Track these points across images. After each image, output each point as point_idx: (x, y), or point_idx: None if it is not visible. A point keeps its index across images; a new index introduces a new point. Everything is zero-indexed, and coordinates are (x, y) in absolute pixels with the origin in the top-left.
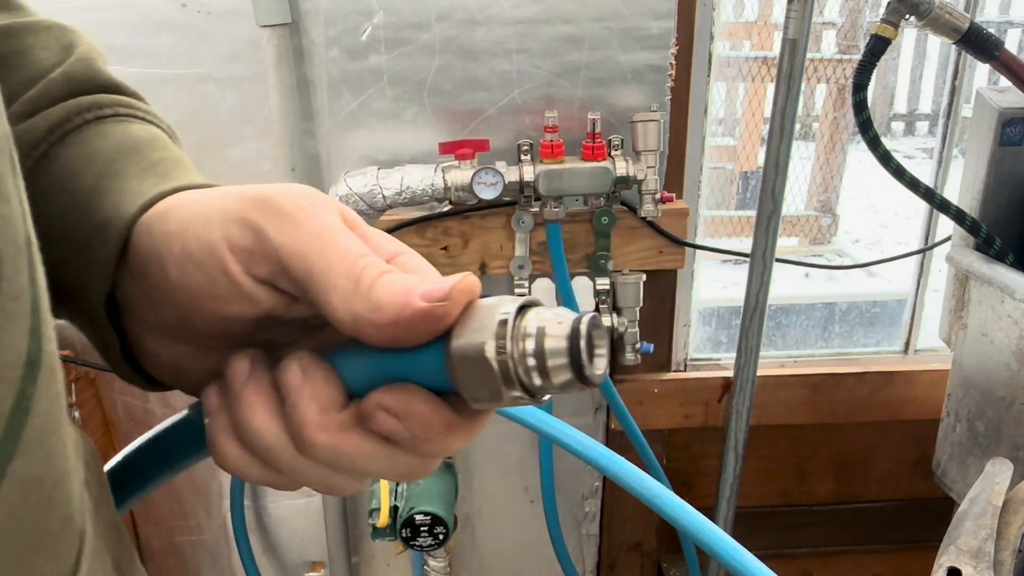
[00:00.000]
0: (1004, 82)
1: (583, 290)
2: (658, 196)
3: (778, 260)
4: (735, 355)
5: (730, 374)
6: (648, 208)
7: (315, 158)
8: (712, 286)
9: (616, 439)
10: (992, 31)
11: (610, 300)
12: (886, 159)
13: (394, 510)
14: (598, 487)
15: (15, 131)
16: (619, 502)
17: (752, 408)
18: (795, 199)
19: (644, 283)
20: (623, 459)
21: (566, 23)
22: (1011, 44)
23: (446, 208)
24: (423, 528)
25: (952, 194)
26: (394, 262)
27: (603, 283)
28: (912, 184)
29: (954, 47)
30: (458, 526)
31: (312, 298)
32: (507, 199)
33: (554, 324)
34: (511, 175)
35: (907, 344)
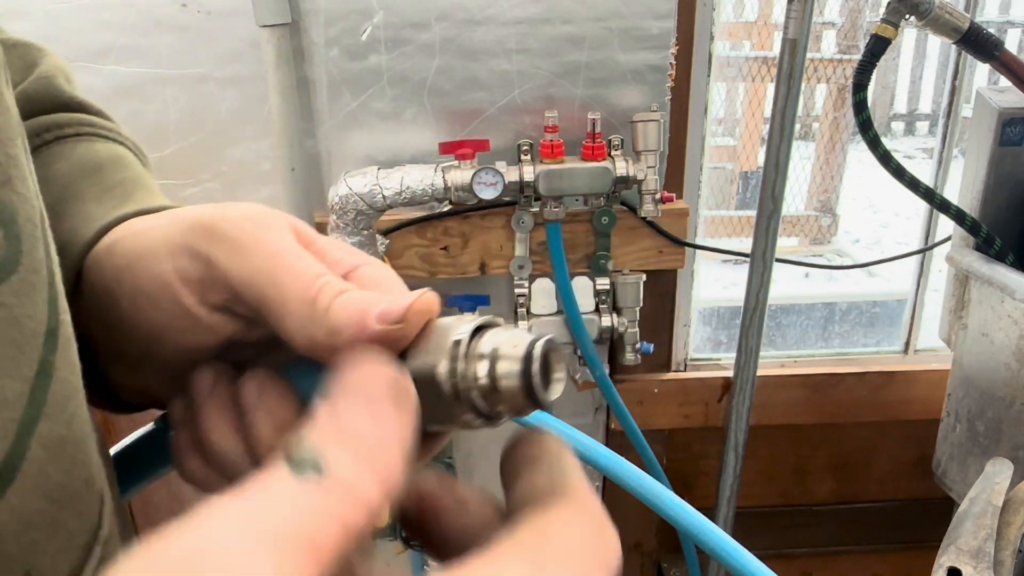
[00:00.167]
0: (1004, 82)
1: (583, 290)
2: (658, 196)
3: (778, 260)
4: (735, 355)
5: (730, 374)
6: (648, 208)
7: (315, 158)
8: (712, 286)
9: (616, 439)
10: (992, 31)
11: (610, 300)
12: (886, 159)
13: None
14: (598, 487)
15: None
16: (619, 502)
17: (752, 408)
18: (795, 199)
19: (644, 283)
20: (623, 459)
21: (566, 23)
22: (1011, 44)
23: (446, 208)
24: None
25: (952, 194)
26: (355, 274)
27: (603, 283)
28: (912, 184)
29: (954, 47)
30: None
31: (268, 323)
32: (507, 199)
33: (508, 346)
34: (511, 175)
35: (907, 344)
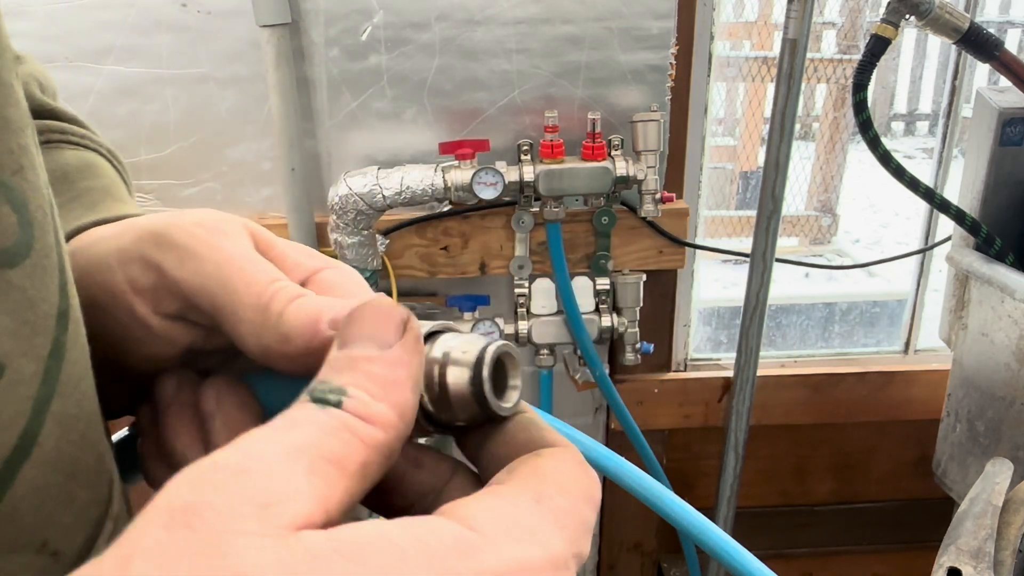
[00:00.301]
0: (1004, 82)
1: (583, 290)
2: (658, 196)
3: (778, 260)
4: (735, 355)
5: (730, 374)
6: (648, 208)
7: (315, 158)
8: (712, 286)
9: (616, 439)
10: (992, 31)
11: (610, 300)
12: (886, 159)
13: None
14: None
15: None
16: (619, 502)
17: (752, 408)
18: (795, 199)
19: (644, 283)
20: (623, 459)
21: (566, 23)
22: (1011, 44)
23: (446, 208)
24: None
25: (952, 194)
26: (315, 279)
27: (603, 283)
28: (912, 184)
29: (954, 47)
30: None
31: (223, 330)
32: (507, 199)
33: (459, 352)
34: (511, 175)
35: (907, 344)
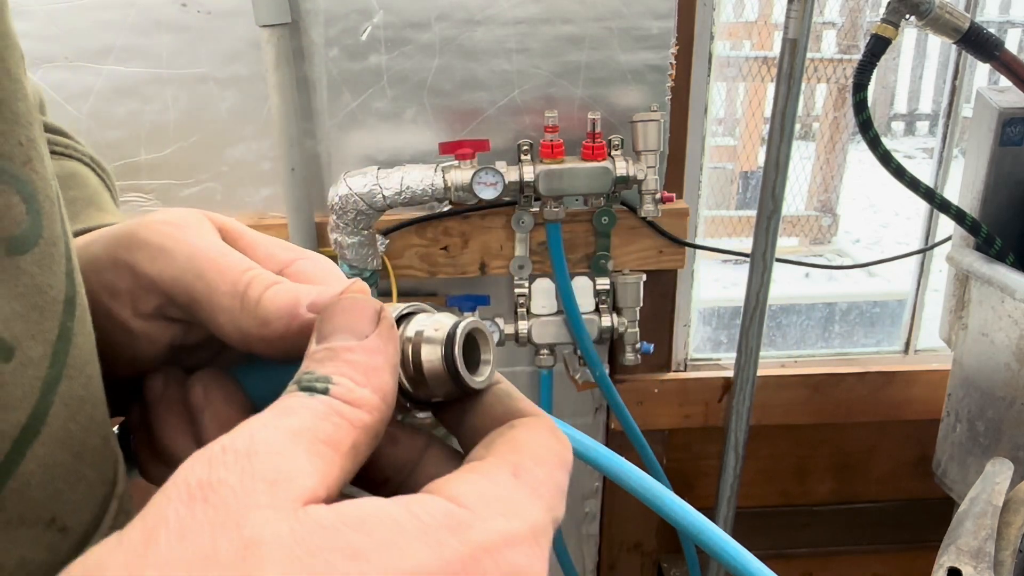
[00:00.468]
0: (1004, 82)
1: (583, 290)
2: (658, 196)
3: (778, 260)
4: (735, 355)
5: (730, 374)
6: (648, 208)
7: (315, 158)
8: (712, 286)
9: (616, 439)
10: (992, 31)
11: (610, 300)
12: (886, 159)
13: None
14: (598, 487)
15: None
16: (619, 502)
17: (752, 408)
18: (795, 199)
19: (644, 283)
20: (623, 459)
21: (566, 23)
22: (1011, 44)
23: (446, 208)
24: None
25: (952, 194)
26: (290, 269)
27: (603, 283)
28: (912, 184)
29: (954, 47)
30: None
31: (201, 320)
32: (507, 199)
33: (431, 330)
34: (511, 175)
35: (907, 344)
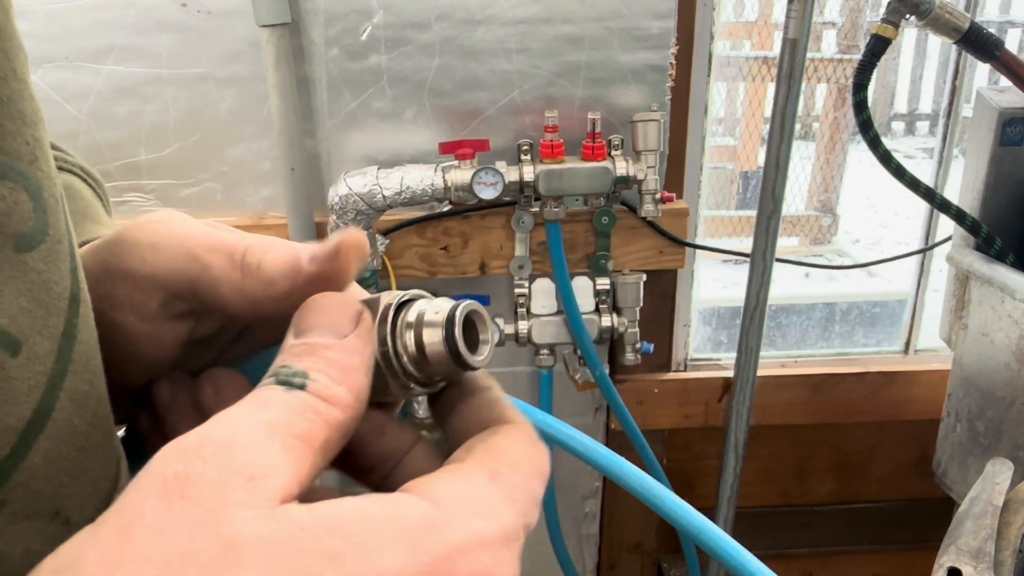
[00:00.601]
0: (1004, 82)
1: (583, 290)
2: (658, 196)
3: (778, 260)
4: (735, 355)
5: (730, 374)
6: (648, 208)
7: (315, 158)
8: (712, 286)
9: (616, 439)
10: (992, 31)
11: (610, 300)
12: (886, 159)
13: None
14: (598, 487)
15: None
16: (619, 502)
17: (752, 408)
18: (795, 199)
19: (644, 283)
20: (623, 459)
21: (566, 23)
22: (1011, 44)
23: (446, 208)
24: None
25: (952, 194)
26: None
27: (603, 283)
28: (912, 184)
29: (954, 47)
30: None
31: (206, 301)
32: (507, 199)
33: (431, 314)
34: (511, 175)
35: (907, 344)
